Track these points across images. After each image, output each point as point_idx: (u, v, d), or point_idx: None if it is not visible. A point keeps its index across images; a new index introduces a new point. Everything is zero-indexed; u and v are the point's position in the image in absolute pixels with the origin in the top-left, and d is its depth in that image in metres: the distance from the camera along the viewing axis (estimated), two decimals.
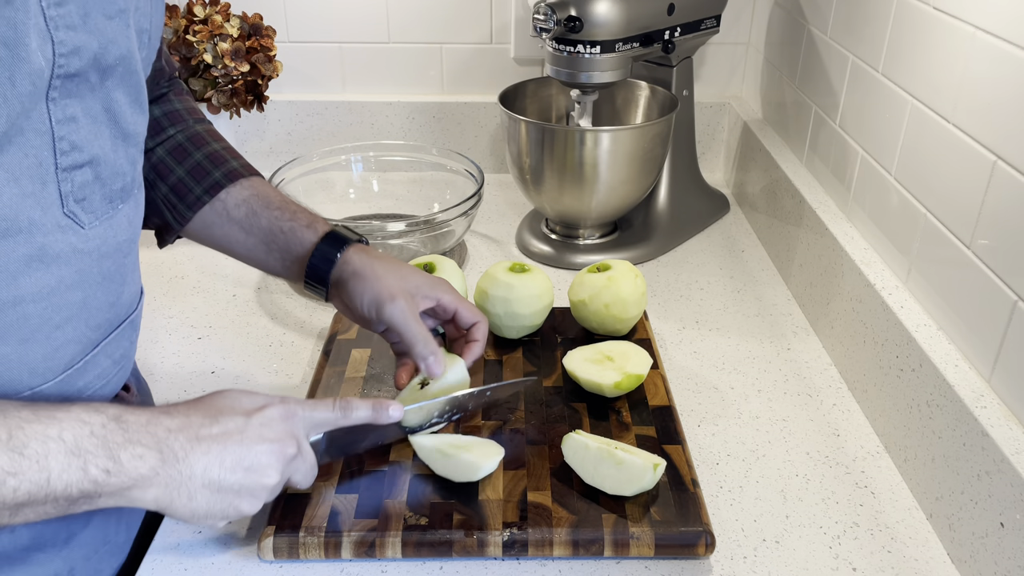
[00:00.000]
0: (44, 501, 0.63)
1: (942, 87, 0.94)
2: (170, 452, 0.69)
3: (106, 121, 0.69)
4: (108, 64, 0.67)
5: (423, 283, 0.96)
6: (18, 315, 0.66)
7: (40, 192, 0.64)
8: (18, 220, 0.63)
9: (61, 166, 0.65)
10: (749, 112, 1.60)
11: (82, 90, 0.65)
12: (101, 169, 0.69)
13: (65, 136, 0.65)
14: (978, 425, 0.80)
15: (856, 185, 1.15)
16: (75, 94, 0.64)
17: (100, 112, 0.68)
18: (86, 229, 0.69)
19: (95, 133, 0.68)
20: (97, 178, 0.69)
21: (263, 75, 1.46)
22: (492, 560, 0.83)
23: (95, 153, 0.68)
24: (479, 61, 1.65)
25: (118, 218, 0.73)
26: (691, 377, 1.11)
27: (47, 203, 0.65)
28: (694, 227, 1.48)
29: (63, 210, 0.66)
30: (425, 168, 1.50)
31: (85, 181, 0.68)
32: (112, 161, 0.71)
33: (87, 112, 0.66)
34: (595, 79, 1.27)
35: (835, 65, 1.23)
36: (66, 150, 0.65)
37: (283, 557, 0.82)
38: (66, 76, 0.63)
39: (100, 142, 0.69)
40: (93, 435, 0.65)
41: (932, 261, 0.96)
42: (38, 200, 0.64)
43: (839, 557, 0.84)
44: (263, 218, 0.95)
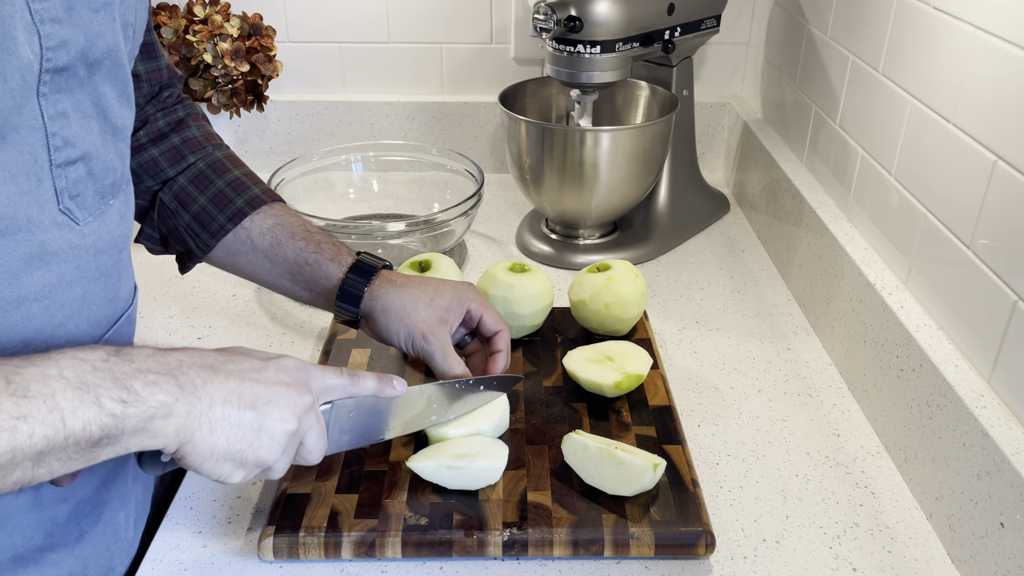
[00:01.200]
0: (64, 445, 0.58)
1: (942, 87, 0.94)
2: (186, 379, 0.65)
3: (95, 116, 0.69)
4: (95, 58, 0.67)
5: (452, 299, 0.96)
6: (22, 315, 0.66)
7: (36, 189, 0.64)
8: (16, 218, 0.63)
9: (55, 162, 0.65)
10: (749, 112, 1.60)
11: (71, 85, 0.65)
12: (93, 164, 0.69)
13: (58, 132, 0.65)
14: (978, 425, 0.80)
15: (856, 185, 1.15)
16: (64, 89, 0.64)
17: (90, 107, 0.68)
18: (81, 225, 0.69)
19: (86, 128, 0.68)
20: (89, 174, 0.69)
21: (263, 75, 1.46)
22: (492, 560, 0.83)
23: (87, 148, 0.68)
24: (479, 61, 1.65)
25: (110, 213, 0.73)
26: (691, 377, 1.10)
27: (43, 200, 0.65)
28: (694, 227, 1.48)
29: (59, 207, 0.66)
30: (425, 168, 1.50)
31: (78, 177, 0.68)
32: (103, 156, 0.71)
33: (77, 107, 0.66)
34: (595, 79, 1.27)
35: (835, 65, 1.23)
36: (59, 146, 0.65)
37: (283, 557, 0.82)
38: (55, 71, 0.63)
39: (91, 137, 0.69)
40: (96, 369, 0.61)
41: (932, 261, 0.96)
42: (35, 197, 0.64)
43: (839, 557, 0.84)
44: (288, 248, 0.96)
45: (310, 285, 0.97)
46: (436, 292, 0.95)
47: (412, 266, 1.12)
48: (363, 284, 0.94)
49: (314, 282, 0.96)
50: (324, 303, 0.97)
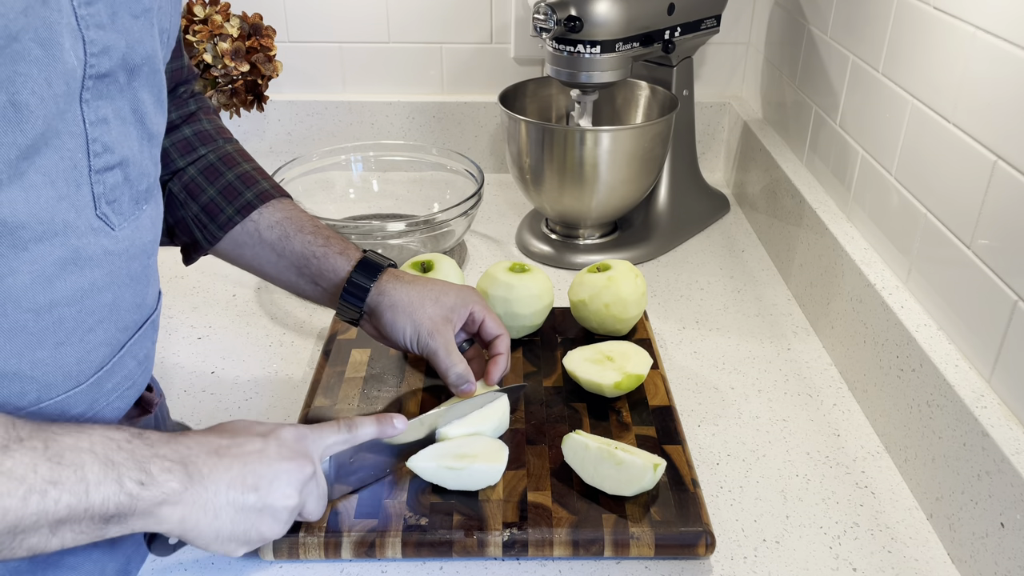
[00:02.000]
0: (82, 517, 0.61)
1: (942, 87, 0.94)
2: (195, 468, 0.68)
3: (134, 122, 0.69)
4: (135, 64, 0.67)
5: (456, 300, 0.96)
6: (54, 319, 0.66)
7: (74, 194, 0.64)
8: (54, 223, 0.63)
9: (94, 168, 0.66)
10: (749, 112, 1.60)
11: (112, 91, 0.65)
12: (130, 170, 0.70)
13: (98, 138, 0.65)
14: (978, 425, 0.80)
15: (856, 185, 1.15)
16: (106, 95, 0.65)
17: (128, 113, 0.68)
18: (116, 231, 0.69)
19: (124, 134, 0.68)
20: (126, 179, 0.70)
21: (263, 75, 1.46)
22: (492, 560, 0.83)
23: (125, 154, 0.69)
24: (479, 61, 1.64)
25: (143, 219, 0.73)
26: (691, 377, 1.10)
27: (81, 205, 0.65)
28: (694, 227, 1.47)
29: (96, 212, 0.67)
30: (425, 168, 1.50)
31: (116, 183, 0.68)
32: (139, 162, 0.71)
33: (117, 113, 0.67)
34: (595, 79, 1.27)
35: (835, 65, 1.23)
36: (99, 152, 0.66)
37: (283, 557, 0.82)
38: (97, 76, 0.63)
39: (129, 143, 0.69)
40: (121, 448, 0.64)
41: (932, 261, 0.96)
42: (72, 203, 0.64)
43: (839, 557, 0.84)
44: (296, 242, 0.96)
45: (316, 279, 0.97)
46: (442, 292, 0.96)
47: (414, 266, 1.11)
48: (370, 279, 0.95)
49: (321, 275, 0.96)
50: (329, 298, 0.98)
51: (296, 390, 1.08)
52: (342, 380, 1.04)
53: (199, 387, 1.08)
